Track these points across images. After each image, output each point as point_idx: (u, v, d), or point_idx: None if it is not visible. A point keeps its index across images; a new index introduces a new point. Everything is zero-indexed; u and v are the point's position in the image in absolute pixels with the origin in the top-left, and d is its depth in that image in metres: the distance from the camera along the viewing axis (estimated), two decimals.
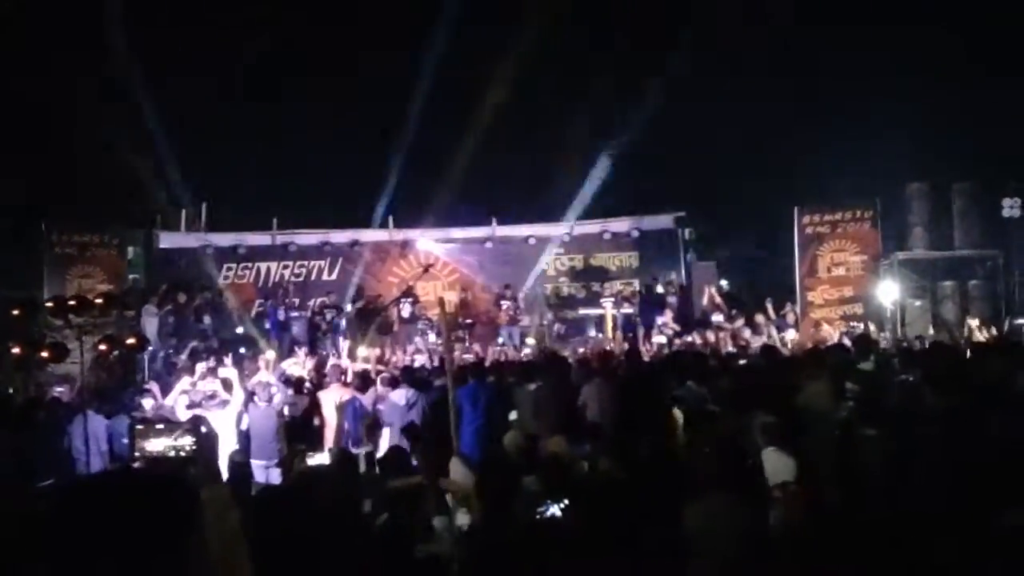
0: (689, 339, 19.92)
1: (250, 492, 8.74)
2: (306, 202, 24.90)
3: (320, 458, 7.18)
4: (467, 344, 21.27)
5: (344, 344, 19.00)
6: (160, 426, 5.45)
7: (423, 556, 5.35)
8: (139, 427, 5.39)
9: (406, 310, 22.44)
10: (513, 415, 12.32)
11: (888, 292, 22.03)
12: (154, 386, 13.65)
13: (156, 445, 5.09)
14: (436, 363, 16.65)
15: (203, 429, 4.88)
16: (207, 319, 21.49)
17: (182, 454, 4.93)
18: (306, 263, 25.28)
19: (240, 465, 10.75)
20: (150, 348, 18.63)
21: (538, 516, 5.60)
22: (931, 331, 20.36)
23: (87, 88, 21.78)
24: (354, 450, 11.14)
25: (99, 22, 21.96)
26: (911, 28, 22.47)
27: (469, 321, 23.50)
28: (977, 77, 22.05)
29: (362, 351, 17.62)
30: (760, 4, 23.82)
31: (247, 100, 23.99)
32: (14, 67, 21.12)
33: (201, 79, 23.20)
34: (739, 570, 5.83)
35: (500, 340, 22.34)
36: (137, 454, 5.27)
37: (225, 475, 10.09)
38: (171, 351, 19.94)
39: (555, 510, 5.64)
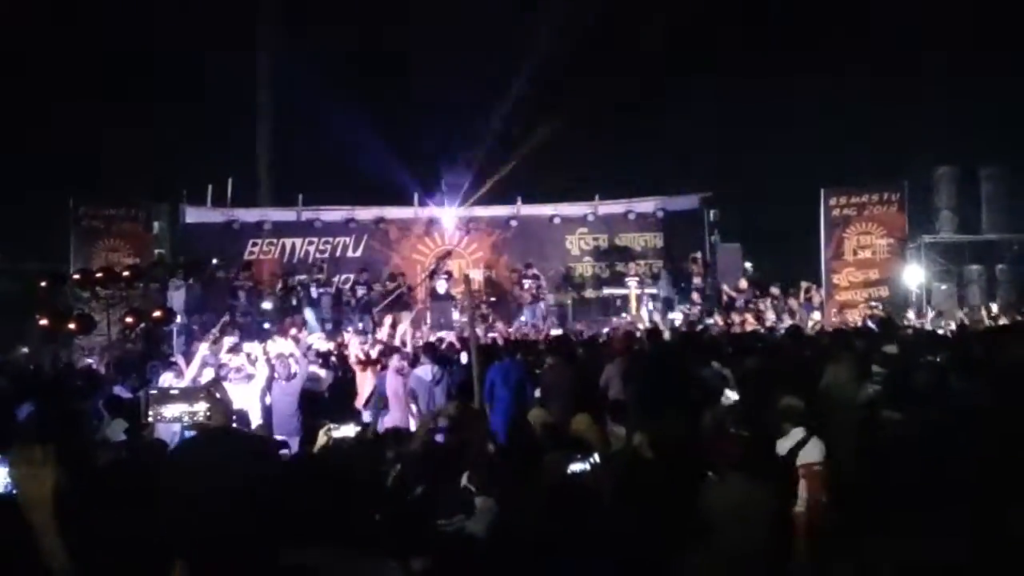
0: (711, 321, 19.90)
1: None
2: (332, 178, 24.94)
3: (346, 431, 7.21)
4: (491, 322, 21.31)
5: (387, 319, 19.13)
6: (175, 392, 5.50)
7: (451, 529, 5.38)
8: (153, 392, 5.43)
9: (441, 286, 22.44)
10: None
11: (914, 276, 21.97)
12: (180, 359, 13.68)
13: (172, 411, 5.13)
14: (458, 341, 16.65)
15: (217, 395, 4.92)
16: (242, 296, 21.55)
17: (197, 419, 4.98)
18: (331, 239, 25.29)
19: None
20: (177, 321, 18.72)
21: (569, 472, 5.63)
22: (958, 314, 20.29)
23: (114, 63, 21.88)
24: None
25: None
26: (939, 12, 22.30)
27: (493, 299, 23.54)
28: (1007, 61, 21.87)
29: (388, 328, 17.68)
30: None
31: (273, 76, 24.04)
32: (35, 44, 21.24)
33: (227, 55, 23.26)
34: (759, 552, 5.85)
35: (523, 318, 22.39)
36: (151, 419, 5.31)
37: None
38: (197, 325, 20.03)
39: (585, 465, 5.66)
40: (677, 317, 20.57)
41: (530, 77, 24.50)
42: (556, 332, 19.22)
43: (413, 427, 10.92)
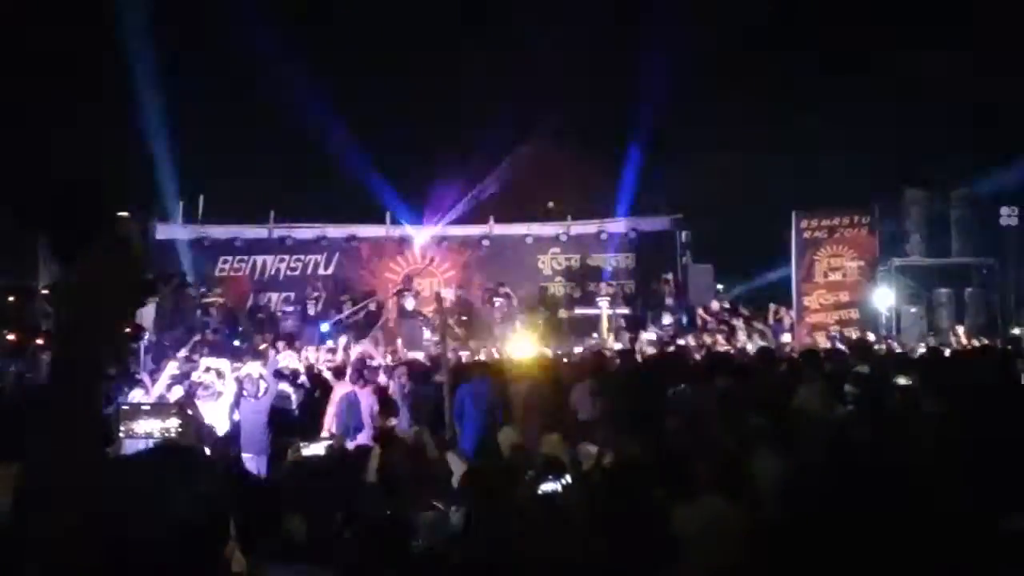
0: (682, 342, 19.89)
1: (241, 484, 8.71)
2: (303, 196, 24.87)
3: (315, 449, 7.17)
4: (462, 341, 21.26)
5: (341, 339, 19.03)
6: (146, 408, 5.46)
7: (420, 550, 5.34)
8: (124, 408, 5.38)
9: (409, 303, 22.36)
10: None
11: (884, 298, 22.08)
12: (145, 377, 13.56)
13: (144, 427, 5.10)
14: (430, 360, 16.62)
15: (189, 412, 4.89)
16: (214, 313, 21.43)
17: (169, 435, 4.94)
18: (302, 257, 25.24)
19: (231, 458, 10.72)
20: (146, 336, 18.56)
21: (540, 492, 5.61)
22: (929, 337, 20.41)
23: (85, 79, 21.74)
24: (347, 443, 11.11)
25: (98, 13, 21.93)
26: (911, 33, 22.48)
27: (464, 318, 23.48)
28: (976, 84, 22.06)
29: (358, 346, 17.63)
30: (759, 6, 23.84)
31: (247, 92, 23.94)
32: (9, 58, 21.08)
33: (200, 71, 23.17)
34: (733, 572, 5.82)
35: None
36: (122, 435, 5.26)
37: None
38: (168, 342, 19.85)
39: (556, 486, 5.65)
40: (649, 337, 20.57)
41: (506, 98, 24.52)
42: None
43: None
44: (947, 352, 15.06)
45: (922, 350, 16.19)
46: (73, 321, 1.83)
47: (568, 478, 5.96)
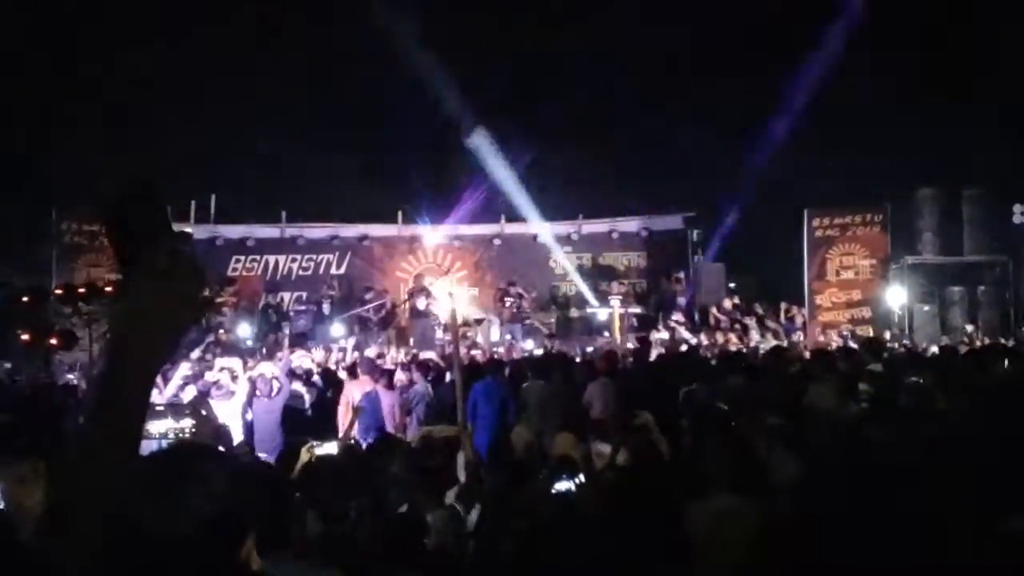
0: (695, 341, 19.88)
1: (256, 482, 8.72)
2: (315, 195, 24.90)
3: (329, 448, 7.19)
4: (474, 340, 21.28)
5: (351, 340, 19.04)
6: (160, 408, 5.48)
7: (433, 549, 5.35)
8: None
9: (421, 303, 22.37)
10: None
11: (896, 296, 22.03)
12: (157, 377, 13.52)
13: (158, 427, 5.11)
14: (442, 359, 16.64)
15: (203, 411, 4.91)
16: (226, 312, 21.45)
17: (183, 436, 4.97)
18: (314, 256, 25.27)
19: (246, 456, 10.72)
20: None
21: (553, 491, 5.62)
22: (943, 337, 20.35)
23: (96, 78, 21.80)
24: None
25: (107, 13, 22.02)
26: (923, 31, 22.42)
27: (476, 317, 23.49)
28: (988, 82, 22.00)
29: (373, 348, 17.69)
30: (768, 5, 23.81)
31: (256, 92, 23.99)
32: (21, 58, 21.16)
33: (212, 70, 23.21)
34: (744, 572, 5.82)
35: (507, 336, 22.34)
36: None
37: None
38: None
39: (570, 485, 5.66)
40: (661, 336, 20.56)
41: (516, 96, 24.55)
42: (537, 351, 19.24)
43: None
44: (961, 351, 15.04)
45: (935, 350, 16.17)
46: (134, 328, 1.83)
47: (581, 477, 5.97)
